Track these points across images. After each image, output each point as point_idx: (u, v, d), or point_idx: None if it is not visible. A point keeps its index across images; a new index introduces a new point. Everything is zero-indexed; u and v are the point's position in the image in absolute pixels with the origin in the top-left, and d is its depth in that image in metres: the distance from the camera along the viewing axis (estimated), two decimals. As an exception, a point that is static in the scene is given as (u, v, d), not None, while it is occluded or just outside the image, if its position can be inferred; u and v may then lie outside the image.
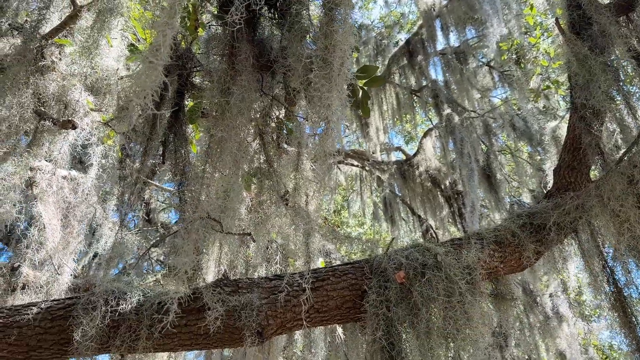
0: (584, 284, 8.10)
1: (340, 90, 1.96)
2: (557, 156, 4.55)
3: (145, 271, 4.90)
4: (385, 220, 9.09)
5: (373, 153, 8.45)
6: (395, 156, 9.20)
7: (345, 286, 2.62)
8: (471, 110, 6.95)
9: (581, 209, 2.99)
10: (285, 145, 2.97)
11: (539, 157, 7.21)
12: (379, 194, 9.33)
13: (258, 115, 2.53)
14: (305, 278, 2.54)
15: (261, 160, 2.56)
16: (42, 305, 2.76)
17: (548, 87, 5.62)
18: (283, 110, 3.01)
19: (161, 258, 5.47)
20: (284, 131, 2.96)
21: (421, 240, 8.63)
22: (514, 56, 5.18)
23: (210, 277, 3.69)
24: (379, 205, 9.55)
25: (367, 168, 8.59)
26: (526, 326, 6.36)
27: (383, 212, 9.06)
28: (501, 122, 6.74)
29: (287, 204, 2.64)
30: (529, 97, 5.65)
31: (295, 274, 2.80)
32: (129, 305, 2.69)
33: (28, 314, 2.71)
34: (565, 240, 3.17)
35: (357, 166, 9.01)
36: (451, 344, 2.36)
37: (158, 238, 5.83)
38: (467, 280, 2.52)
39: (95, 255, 6.25)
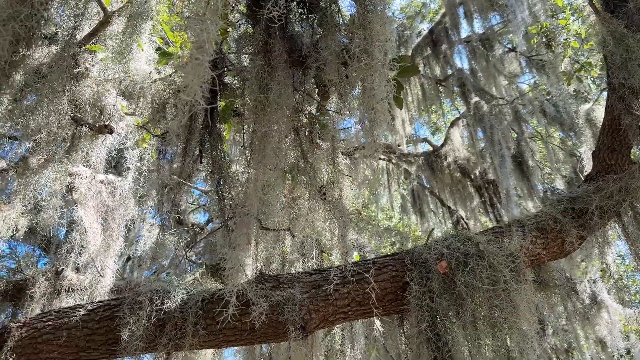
0: (624, 270, 7.91)
1: (386, 81, 1.95)
2: (592, 139, 4.45)
3: (183, 270, 4.98)
4: (414, 213, 9.03)
5: (399, 145, 8.39)
6: (422, 148, 9.13)
7: (386, 278, 2.61)
8: (499, 98, 6.84)
9: (624, 192, 2.91)
10: (318, 140, 2.96)
11: (570, 142, 7.06)
12: (406, 187, 9.27)
13: (290, 111, 2.53)
14: (349, 271, 2.54)
15: (296, 156, 2.56)
16: (89, 307, 2.83)
17: (580, 69, 5.48)
18: (315, 105, 3.02)
19: (194, 258, 5.55)
20: (316, 126, 2.96)
21: (452, 231, 8.54)
22: (544, 39, 5.06)
23: (243, 275, 3.72)
24: (407, 198, 9.49)
25: (393, 161, 8.54)
26: (564, 314, 6.24)
27: (411, 204, 9.00)
28: (531, 108, 6.61)
29: (324, 199, 2.64)
30: (561, 80, 5.53)
31: (334, 267, 2.80)
32: (174, 304, 2.73)
33: (76, 316, 2.78)
34: (608, 224, 3.10)
35: (383, 159, 8.96)
36: (498, 332, 2.33)
37: (189, 238, 5.91)
38: (511, 268, 2.48)
39: (128, 258, 6.37)
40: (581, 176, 6.40)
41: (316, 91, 2.89)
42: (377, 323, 4.28)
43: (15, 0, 1.85)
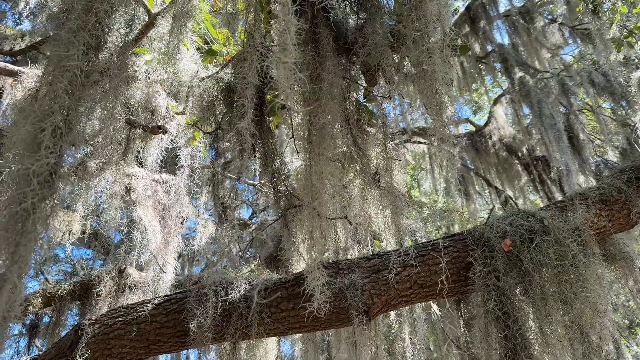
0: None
1: (447, 61, 1.92)
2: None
3: (237, 264, 5.07)
4: (459, 196, 8.89)
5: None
6: (464, 128, 8.95)
7: (448, 260, 2.58)
8: (544, 71, 6.62)
9: (693, 157, 2.78)
10: (367, 127, 2.95)
11: (622, 112, 6.77)
12: (451, 168, 9.12)
13: (340, 100, 2.53)
14: (409, 254, 2.53)
15: (348, 144, 2.55)
16: (156, 301, 2.92)
17: (629, 35, 5.23)
18: (361, 92, 3.00)
19: (242, 251, 5.64)
20: (363, 113, 2.94)
21: (502, 212, 8.36)
22: (590, 6, 4.86)
23: (302, 264, 3.76)
24: (451, 181, 9.35)
25: (434, 144, 8.40)
26: (626, 288, 6.02)
27: (456, 187, 8.86)
28: (578, 79, 6.36)
29: (378, 185, 2.63)
30: (609, 48, 5.30)
31: (393, 251, 2.79)
32: (237, 294, 2.79)
33: (144, 311, 2.87)
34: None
35: (424, 143, 8.85)
36: (569, 308, 2.27)
37: (240, 234, 6.01)
38: (578, 242, 2.42)
39: (179, 255, 6.57)
40: (636, 146, 6.14)
41: (361, 78, 2.87)
42: (434, 307, 4.26)
43: (82, 10, 1.91)
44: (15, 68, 3.66)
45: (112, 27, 2.06)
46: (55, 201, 1.75)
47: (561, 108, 6.53)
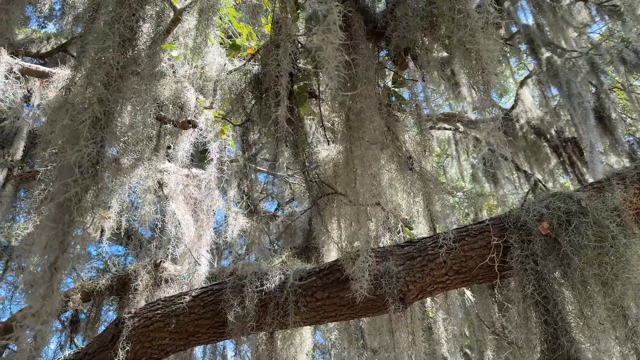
0: None
1: (494, 40, 1.89)
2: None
3: (267, 255, 5.12)
4: (487, 181, 8.77)
5: (465, 113, 8.15)
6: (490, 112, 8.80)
7: (483, 245, 2.56)
8: (572, 50, 6.46)
9: None
10: (396, 112, 2.93)
11: (655, 89, 6.56)
12: (476, 155, 9.01)
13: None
14: (445, 239, 2.51)
15: (382, 129, 2.54)
16: (193, 293, 2.97)
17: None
18: (390, 77, 2.98)
19: (273, 243, 5.69)
20: (393, 98, 2.92)
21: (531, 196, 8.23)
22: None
23: (333, 253, 3.77)
24: (477, 167, 9.23)
25: (460, 129, 8.31)
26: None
27: (483, 172, 8.75)
28: (608, 57, 6.19)
29: (412, 169, 2.62)
30: (641, 23, 5.13)
31: (426, 238, 2.78)
32: (273, 284, 2.82)
33: (182, 303, 2.93)
34: None
35: (449, 129, 8.74)
36: (610, 290, 2.23)
37: (268, 226, 6.05)
38: (617, 222, 2.36)
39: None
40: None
41: (391, 63, 2.85)
42: (468, 293, 4.23)
43: (115, 3, 1.94)
44: (46, 69, 3.74)
45: (145, 18, 2.09)
46: (100, 191, 1.79)
47: (591, 87, 6.37)
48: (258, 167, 5.21)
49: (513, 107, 7.70)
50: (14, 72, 3.46)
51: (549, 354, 2.22)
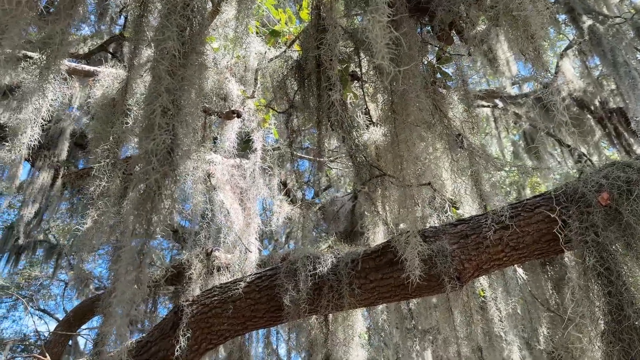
0: None
1: (541, 4, 1.85)
2: None
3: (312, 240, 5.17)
4: (528, 158, 8.58)
5: (504, 88, 7.96)
6: (529, 87, 8.58)
7: (540, 219, 2.51)
8: (615, 16, 6.20)
9: None
10: (442, 90, 2.89)
11: None
12: (516, 131, 8.81)
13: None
14: (500, 217, 2.48)
15: (429, 107, 2.51)
16: (247, 279, 3.03)
17: None
18: (433, 54, 2.93)
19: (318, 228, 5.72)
20: (438, 75, 2.88)
21: (574, 171, 8.00)
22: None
23: (379, 235, 3.77)
24: (518, 143, 9.03)
25: (499, 106, 8.12)
26: None
27: (525, 149, 8.56)
28: (655, 21, 5.91)
29: (462, 147, 2.58)
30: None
31: (479, 216, 2.75)
32: (325, 268, 2.85)
33: (238, 289, 2.99)
34: None
35: (487, 106, 8.56)
36: (678, 260, 2.16)
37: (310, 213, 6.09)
38: (682, 190, 2.28)
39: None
40: None
41: (434, 39, 2.80)
42: (520, 271, 4.16)
43: (168, -6, 1.98)
44: (91, 68, 3.85)
45: (196, 8, 2.12)
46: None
47: (637, 54, 6.11)
48: (300, 155, 5.24)
49: (553, 80, 7.46)
50: (62, 73, 3.57)
51: (614, 325, 2.17)
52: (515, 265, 2.98)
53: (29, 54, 3.18)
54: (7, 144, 3.12)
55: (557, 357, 3.90)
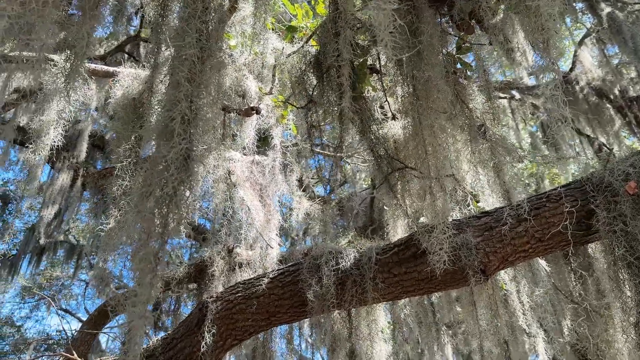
0: None
1: None
2: None
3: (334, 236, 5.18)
4: (547, 149, 8.48)
5: (521, 79, 7.86)
6: (546, 77, 8.45)
7: (565, 210, 2.48)
8: (634, 2, 6.09)
9: None
10: (462, 80, 2.86)
11: None
12: (534, 122, 8.70)
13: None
14: (524, 209, 2.45)
15: (450, 97, 2.48)
16: (270, 275, 3.04)
17: None
18: (453, 44, 2.91)
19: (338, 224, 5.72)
20: (459, 65, 2.85)
21: (594, 161, 7.89)
22: None
23: (400, 229, 3.76)
24: (536, 135, 8.92)
25: (516, 97, 8.03)
26: None
27: (543, 140, 8.46)
28: (676, 6, 5.80)
29: (484, 137, 2.56)
30: None
31: (503, 207, 2.72)
32: (348, 263, 2.85)
33: (261, 285, 3.00)
34: None
35: (504, 98, 8.46)
36: None
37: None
38: None
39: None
40: None
41: (454, 29, 2.78)
42: (542, 263, 4.12)
43: None
44: (111, 69, 3.88)
45: (215, 12, 2.12)
46: (193, 183, 1.85)
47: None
48: (319, 151, 5.24)
49: (571, 69, 7.36)
50: (83, 75, 3.60)
51: (647, 316, 2.14)
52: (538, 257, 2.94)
53: (50, 56, 3.22)
54: (30, 145, 3.16)
55: (582, 349, 3.86)
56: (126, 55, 5.79)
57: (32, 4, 1.77)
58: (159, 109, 1.99)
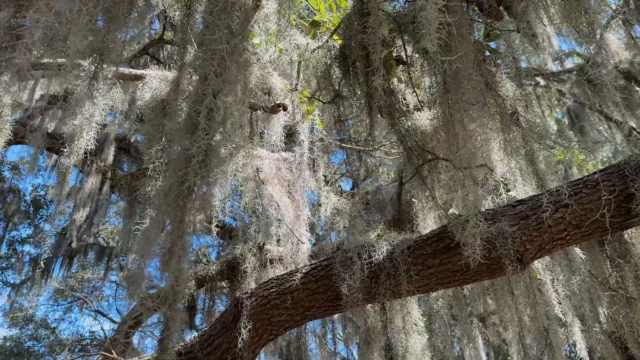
0: None
1: None
2: None
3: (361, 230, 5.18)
4: (574, 135, 8.32)
5: (545, 65, 7.73)
6: (570, 62, 8.30)
7: (602, 195, 2.43)
8: (663, -18, 5.91)
9: None
10: (491, 68, 2.82)
11: None
12: (560, 108, 8.54)
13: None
14: (561, 195, 2.41)
15: (481, 86, 2.46)
16: (303, 270, 3.05)
17: None
18: (479, 32, 2.87)
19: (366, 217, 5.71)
20: (487, 52, 2.82)
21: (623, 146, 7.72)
22: None
23: (430, 221, 3.73)
24: (562, 121, 8.76)
25: (541, 84, 7.89)
26: None
27: (570, 126, 8.30)
28: None
29: (518, 125, 2.52)
30: None
31: (538, 195, 2.68)
32: (381, 256, 2.84)
33: (294, 280, 3.02)
34: None
35: (529, 85, 8.32)
36: None
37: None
38: None
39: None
40: None
41: (482, 16, 2.74)
42: (577, 250, 4.05)
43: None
44: (138, 71, 3.94)
45: (241, 10, 2.13)
46: (212, 179, 1.87)
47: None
48: (347, 145, 5.24)
49: (597, 52, 7.19)
50: (111, 79, 3.66)
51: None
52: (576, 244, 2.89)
53: (80, 62, 3.28)
54: (65, 150, 3.23)
55: (619, 337, 3.79)
56: (148, 58, 5.87)
57: (67, 13, 1.80)
58: (185, 106, 2.01)
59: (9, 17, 1.72)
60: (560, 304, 3.85)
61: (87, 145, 3.21)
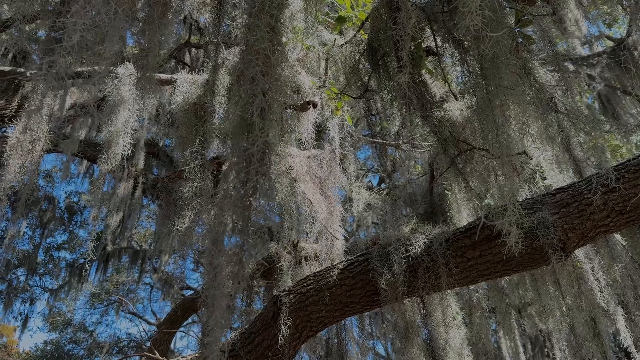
0: None
1: None
2: None
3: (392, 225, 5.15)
4: (607, 121, 8.10)
5: (573, 50, 7.54)
6: (600, 46, 8.08)
7: (648, 178, 2.36)
8: (696, -43, 5.70)
9: None
10: (525, 54, 2.77)
11: None
12: (590, 93, 8.33)
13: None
14: (603, 181, 2.36)
15: (518, 72, 2.41)
16: (340, 267, 3.06)
17: None
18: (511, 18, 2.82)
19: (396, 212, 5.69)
20: (520, 39, 2.77)
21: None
22: None
23: (464, 213, 3.69)
24: (593, 106, 8.54)
25: (570, 69, 7.70)
26: None
27: (601, 111, 8.09)
28: None
29: (556, 110, 2.47)
30: None
31: (579, 182, 2.63)
32: (418, 249, 2.82)
33: (331, 277, 3.02)
34: None
35: (557, 70, 8.14)
36: None
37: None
38: None
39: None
40: None
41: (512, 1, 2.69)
42: (618, 237, 3.95)
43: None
44: (168, 76, 3.99)
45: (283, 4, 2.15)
46: (270, 176, 1.89)
47: None
48: (378, 140, 5.23)
49: (628, 34, 7.00)
50: (154, 84, 3.73)
51: None
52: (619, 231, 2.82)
53: (114, 68, 3.35)
54: (102, 156, 3.31)
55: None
56: (173, 62, 5.94)
57: (103, 15, 1.84)
58: (232, 107, 2.03)
59: (49, 25, 1.76)
60: (601, 292, 3.77)
61: (124, 150, 3.27)
